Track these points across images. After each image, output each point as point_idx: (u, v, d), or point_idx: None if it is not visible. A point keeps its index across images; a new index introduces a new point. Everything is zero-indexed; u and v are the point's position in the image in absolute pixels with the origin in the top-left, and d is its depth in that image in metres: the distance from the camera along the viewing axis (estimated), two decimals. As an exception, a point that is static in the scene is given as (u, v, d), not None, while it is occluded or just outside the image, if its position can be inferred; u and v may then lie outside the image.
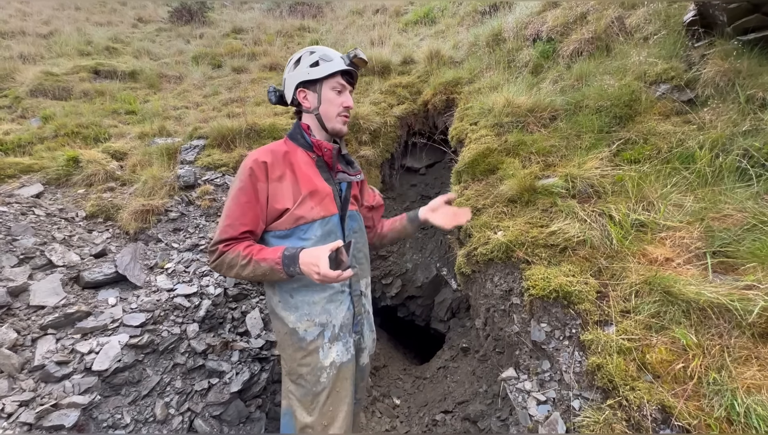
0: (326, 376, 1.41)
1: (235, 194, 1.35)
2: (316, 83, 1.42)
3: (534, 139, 2.43)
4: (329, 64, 1.41)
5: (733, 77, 2.01)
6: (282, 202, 1.37)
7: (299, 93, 1.44)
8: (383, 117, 3.54)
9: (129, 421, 1.66)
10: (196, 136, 3.28)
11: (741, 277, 1.38)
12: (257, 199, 1.35)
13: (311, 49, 1.44)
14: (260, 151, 1.40)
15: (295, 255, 1.28)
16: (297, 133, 1.48)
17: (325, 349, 1.42)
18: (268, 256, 1.30)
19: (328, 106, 1.43)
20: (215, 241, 1.35)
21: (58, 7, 8.36)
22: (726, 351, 1.22)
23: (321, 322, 1.42)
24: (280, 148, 1.44)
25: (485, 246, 1.98)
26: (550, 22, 3.29)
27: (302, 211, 1.38)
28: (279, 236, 1.40)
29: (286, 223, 1.38)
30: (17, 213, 2.26)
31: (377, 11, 7.40)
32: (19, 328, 1.71)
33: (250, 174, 1.34)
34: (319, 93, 1.43)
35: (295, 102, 1.47)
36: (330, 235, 1.43)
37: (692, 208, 1.69)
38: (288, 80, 1.46)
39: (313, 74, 1.40)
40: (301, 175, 1.41)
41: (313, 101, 1.44)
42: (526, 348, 1.76)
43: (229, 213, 1.34)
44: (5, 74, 4.53)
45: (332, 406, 1.42)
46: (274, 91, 1.52)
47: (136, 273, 2.15)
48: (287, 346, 1.44)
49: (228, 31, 7.09)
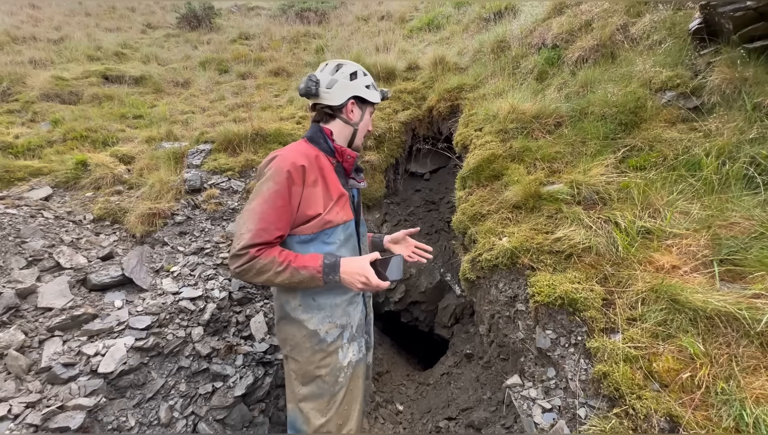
0: (344, 375, 1.48)
1: (269, 196, 1.29)
2: (366, 103, 1.53)
3: (539, 145, 2.43)
4: (376, 94, 1.55)
5: (740, 85, 2.01)
6: (314, 208, 1.37)
7: (351, 103, 1.48)
8: (388, 122, 3.56)
9: (133, 424, 1.67)
10: (202, 140, 3.31)
11: (749, 286, 1.37)
12: (290, 203, 1.32)
13: (364, 71, 1.53)
14: (295, 154, 1.37)
15: (335, 263, 1.32)
16: (319, 137, 1.48)
17: (344, 349, 1.49)
18: (309, 264, 1.30)
19: (365, 126, 1.56)
20: (245, 245, 1.27)
21: (69, 13, 8.50)
22: (734, 360, 1.21)
23: (342, 323, 1.48)
24: (311, 152, 1.42)
25: (490, 252, 1.98)
26: (555, 29, 3.30)
27: (331, 215, 1.40)
28: (303, 241, 1.39)
29: (313, 227, 1.38)
30: (26, 215, 2.28)
31: (382, 18, 7.47)
32: (27, 330, 1.73)
33: (287, 177, 1.30)
34: (363, 112, 1.54)
35: (340, 109, 1.48)
36: (350, 239, 1.49)
37: (699, 215, 1.69)
38: (341, 86, 1.46)
39: (369, 97, 1.51)
40: (330, 180, 1.43)
41: (357, 116, 1.52)
42: (531, 355, 1.75)
43: (263, 216, 1.29)
44: (17, 79, 4.61)
45: (347, 405, 1.48)
46: (316, 83, 1.44)
47: (142, 276, 2.17)
48: (304, 349, 1.45)
49: (235, 36, 7.18)
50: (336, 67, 1.49)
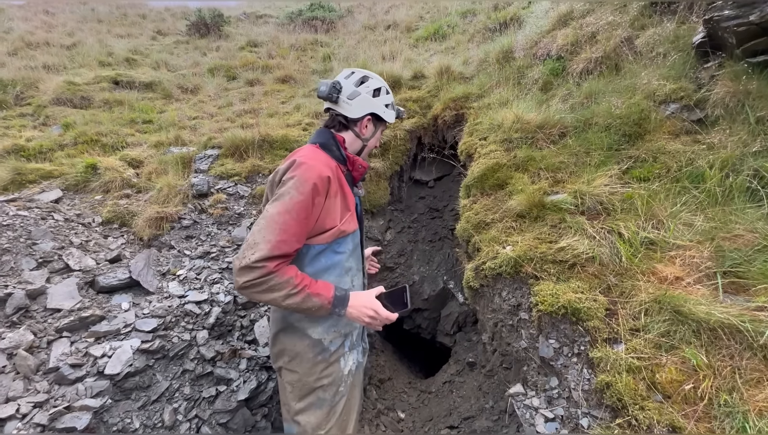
0: (345, 385, 1.48)
1: (293, 207, 1.21)
2: (381, 121, 1.54)
3: (543, 155, 2.45)
4: (392, 114, 1.55)
5: (743, 98, 2.03)
6: (333, 219, 1.34)
7: (367, 119, 1.49)
8: (393, 130, 3.60)
9: (138, 426, 1.68)
10: (210, 145, 3.37)
11: (752, 298, 1.37)
12: (312, 215, 1.27)
13: (387, 88, 1.53)
14: (320, 164, 1.30)
15: (344, 297, 1.30)
16: (332, 144, 1.44)
17: (346, 357, 1.50)
18: (323, 292, 1.25)
19: (374, 142, 1.58)
20: (263, 257, 1.14)
21: (82, 19, 8.68)
22: (737, 372, 1.21)
23: (345, 332, 1.49)
24: (331, 163, 1.38)
25: (494, 260, 1.99)
26: (559, 40, 3.34)
27: (345, 225, 1.39)
28: (316, 251, 1.37)
29: (329, 237, 1.35)
30: (37, 218, 2.33)
31: (389, 27, 7.56)
32: (36, 330, 1.75)
33: (312, 188, 1.23)
34: (376, 129, 1.56)
35: (355, 122, 1.48)
36: (356, 249, 1.50)
37: (702, 227, 1.70)
38: (362, 100, 1.45)
39: (386, 117, 1.52)
40: (346, 190, 1.42)
41: (370, 132, 1.53)
42: (533, 364, 1.75)
43: (285, 227, 1.19)
44: (30, 83, 4.71)
45: (346, 416, 1.49)
46: (336, 89, 1.43)
47: (149, 279, 2.19)
48: (305, 359, 1.43)
49: (243, 44, 7.30)
50: (361, 79, 1.47)
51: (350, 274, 1.49)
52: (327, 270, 1.40)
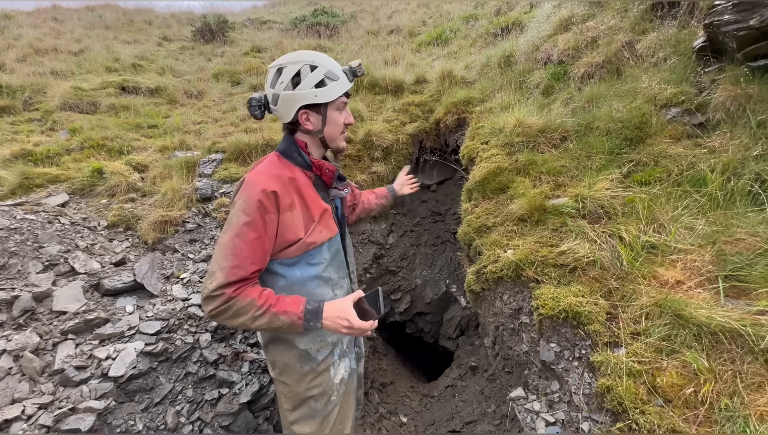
0: (336, 394, 1.45)
1: (240, 231, 1.17)
2: (321, 105, 1.28)
3: (544, 159, 2.46)
4: (336, 85, 1.26)
5: (744, 102, 2.03)
6: (294, 233, 1.26)
7: (301, 115, 1.28)
8: (396, 134, 3.62)
9: (141, 428, 1.70)
10: (214, 150, 3.40)
11: (753, 303, 1.37)
12: (266, 233, 1.20)
13: (312, 63, 1.24)
14: (266, 178, 1.23)
15: (317, 309, 1.20)
16: (293, 151, 1.33)
17: (336, 366, 1.46)
18: (290, 309, 1.18)
19: (334, 128, 1.33)
20: (219, 285, 1.13)
21: (89, 26, 8.81)
22: (738, 377, 1.21)
23: (333, 341, 1.45)
24: (284, 173, 1.28)
25: (495, 264, 2.00)
26: (561, 45, 3.36)
27: (313, 237, 1.30)
28: (287, 265, 1.30)
29: (296, 251, 1.29)
30: (44, 221, 2.36)
31: (391, 32, 7.62)
32: (42, 333, 1.78)
33: (258, 206, 1.18)
34: (324, 115, 1.30)
35: (294, 123, 1.32)
36: (336, 256, 1.41)
37: (704, 231, 1.69)
38: (285, 100, 1.26)
39: (321, 97, 1.25)
40: (309, 199, 1.31)
41: (317, 123, 1.31)
42: (535, 368, 1.75)
43: (236, 252, 1.16)
44: (38, 89, 4.78)
45: (341, 424, 1.47)
46: (259, 105, 1.31)
47: (153, 282, 2.22)
48: (293, 371, 1.41)
49: (247, 49, 7.37)
50: (276, 74, 1.26)
51: (330, 284, 1.41)
52: (303, 283, 1.34)
